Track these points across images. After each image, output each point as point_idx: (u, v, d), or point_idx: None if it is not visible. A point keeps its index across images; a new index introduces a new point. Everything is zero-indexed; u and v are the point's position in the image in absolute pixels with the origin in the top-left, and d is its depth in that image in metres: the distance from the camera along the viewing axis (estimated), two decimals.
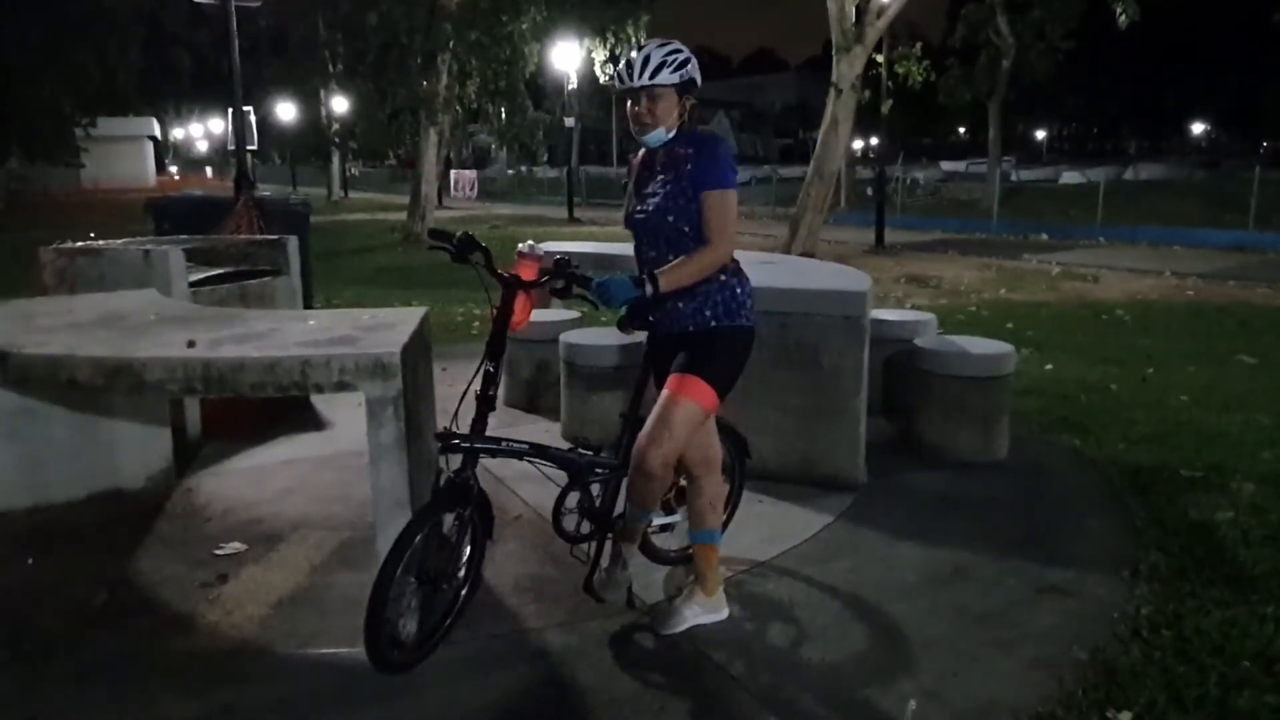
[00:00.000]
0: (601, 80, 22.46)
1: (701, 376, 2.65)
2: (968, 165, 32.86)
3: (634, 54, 2.70)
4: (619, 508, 3.02)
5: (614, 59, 21.66)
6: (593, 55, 21.72)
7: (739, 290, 2.74)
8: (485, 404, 2.66)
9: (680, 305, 2.70)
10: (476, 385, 2.68)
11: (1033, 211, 20.43)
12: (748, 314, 2.76)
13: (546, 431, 4.98)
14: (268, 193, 10.59)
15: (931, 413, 4.53)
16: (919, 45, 13.29)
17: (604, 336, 4.76)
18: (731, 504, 3.38)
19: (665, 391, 2.68)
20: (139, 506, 3.91)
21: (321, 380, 2.63)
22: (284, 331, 2.99)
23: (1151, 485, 4.18)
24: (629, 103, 2.72)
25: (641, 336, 2.95)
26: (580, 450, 2.98)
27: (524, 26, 17.47)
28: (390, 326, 3.04)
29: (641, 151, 2.85)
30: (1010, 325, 8.85)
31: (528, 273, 2.67)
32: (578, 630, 2.92)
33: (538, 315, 5.76)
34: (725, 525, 3.33)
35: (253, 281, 5.16)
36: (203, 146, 62.41)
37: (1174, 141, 56.43)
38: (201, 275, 4.95)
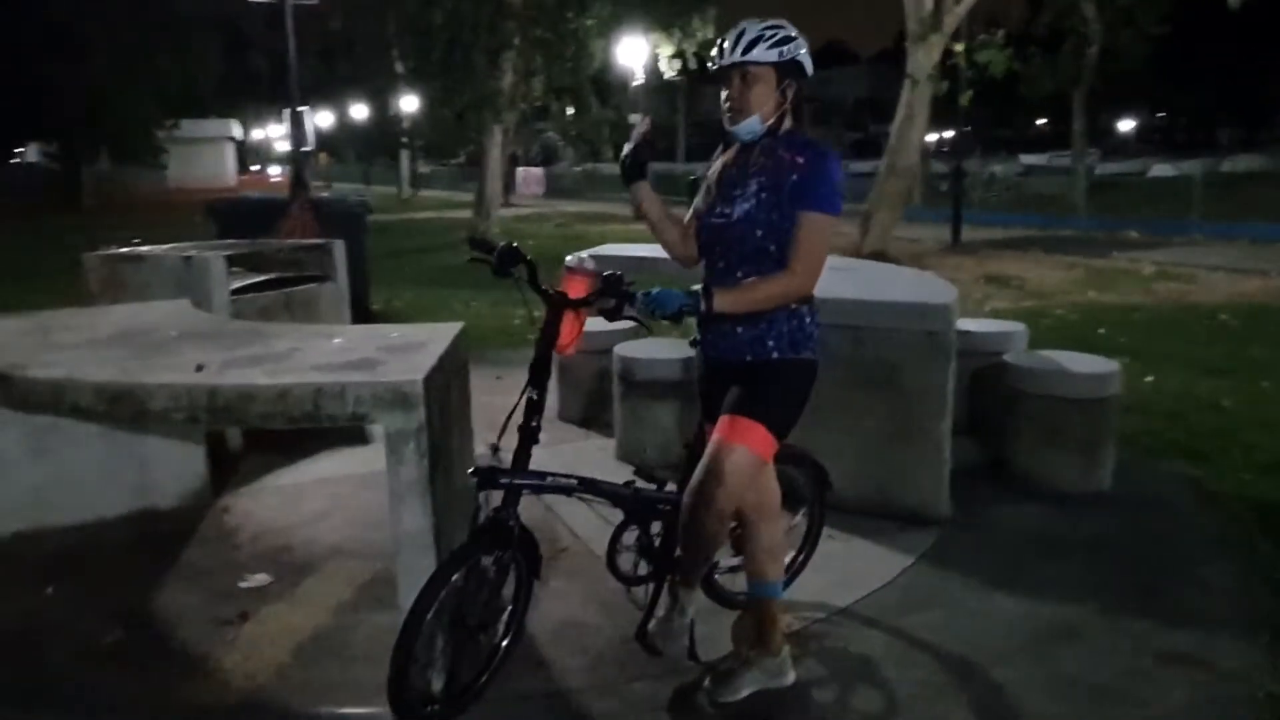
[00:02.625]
0: (666, 75, 22.07)
1: (757, 419, 2.28)
2: (1049, 158, 31.45)
3: (731, 31, 2.33)
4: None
5: (680, 55, 21.27)
6: (658, 51, 21.35)
7: (808, 320, 2.36)
8: (528, 435, 2.35)
9: (740, 330, 2.33)
10: (519, 414, 2.37)
11: (1121, 206, 19.34)
12: (813, 346, 2.38)
13: (600, 449, 4.65)
14: (326, 194, 10.52)
15: (1025, 437, 4.07)
16: (1001, 33, 12.58)
17: (662, 349, 4.41)
18: (810, 542, 3.01)
19: (715, 436, 2.32)
20: (171, 528, 3.71)
21: (335, 411, 2.34)
22: (303, 352, 2.72)
23: None
24: (722, 88, 2.36)
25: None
26: (638, 483, 2.64)
27: (589, 23, 17.21)
28: (419, 347, 2.74)
29: (734, 147, 2.45)
30: (1102, 331, 8.21)
31: (576, 290, 2.34)
32: (622, 694, 2.58)
33: (597, 321, 5.47)
34: (804, 564, 2.96)
35: (298, 288, 4.96)
36: (283, 147, 64.08)
37: (1271, 131, 53.42)
38: (244, 282, 4.77)
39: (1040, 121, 57.10)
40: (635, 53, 20.53)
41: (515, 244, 2.41)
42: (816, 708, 2.51)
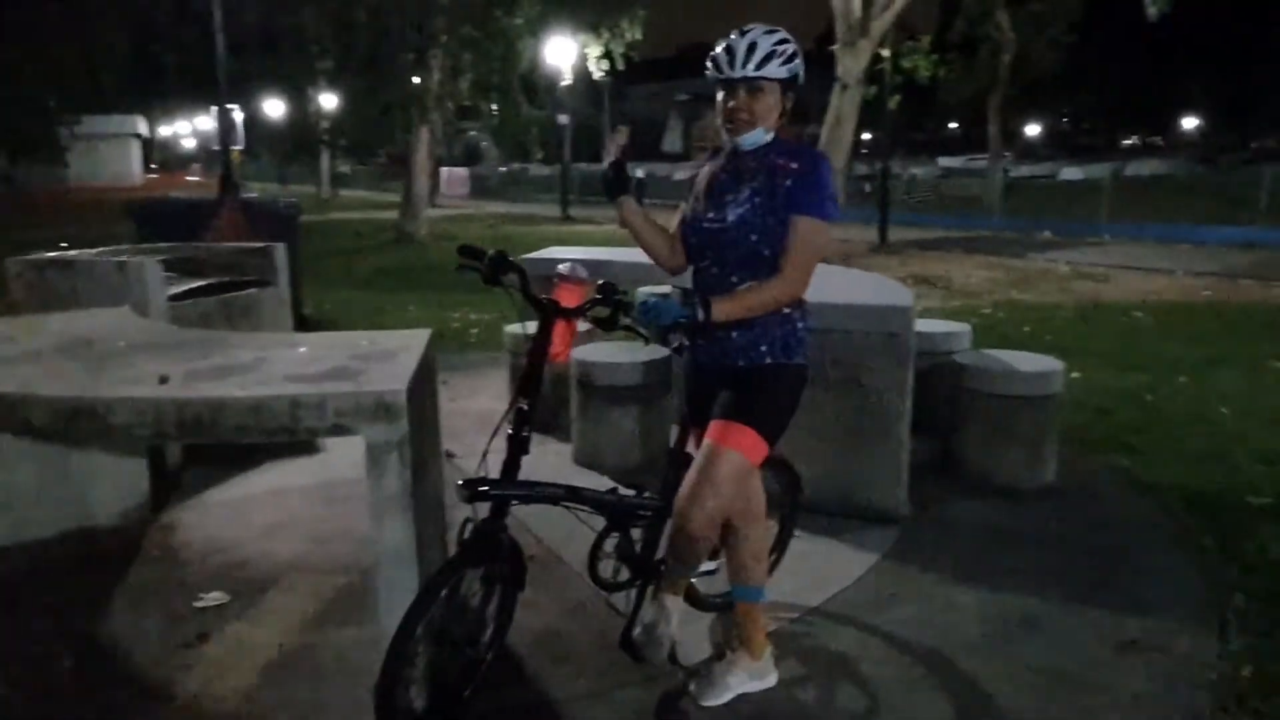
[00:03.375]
0: (595, 76, 22.07)
1: (749, 424, 2.29)
2: (966, 161, 32.55)
3: (734, 37, 2.30)
4: (661, 552, 2.68)
5: (608, 55, 21.27)
6: (586, 51, 21.32)
7: (800, 325, 2.39)
8: (518, 446, 2.32)
9: (734, 335, 2.34)
10: (508, 424, 2.34)
11: (1035, 208, 20.13)
12: (805, 351, 2.40)
13: (557, 455, 4.62)
14: (254, 194, 10.18)
15: (974, 434, 4.19)
16: (927, 39, 12.95)
17: (621, 353, 4.41)
18: (782, 545, 3.04)
19: (708, 441, 2.33)
20: (113, 547, 3.54)
21: (315, 423, 2.27)
22: (271, 362, 2.63)
23: (1218, 515, 3.85)
24: (721, 96, 2.35)
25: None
26: (620, 490, 2.63)
27: (517, 22, 17.07)
28: (392, 355, 2.67)
29: (724, 154, 2.45)
30: (1027, 329, 8.53)
31: (569, 298, 2.31)
32: (608, 701, 2.57)
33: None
34: (776, 565, 2.99)
35: (238, 294, 4.79)
36: (190, 144, 61.70)
37: (1166, 137, 56.31)
38: (182, 288, 4.57)
39: (952, 125, 58.99)
40: (563, 53, 20.47)
41: (505, 252, 2.37)
42: (801, 707, 2.54)
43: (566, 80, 21.57)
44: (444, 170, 34.38)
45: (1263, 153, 40.53)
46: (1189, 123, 55.59)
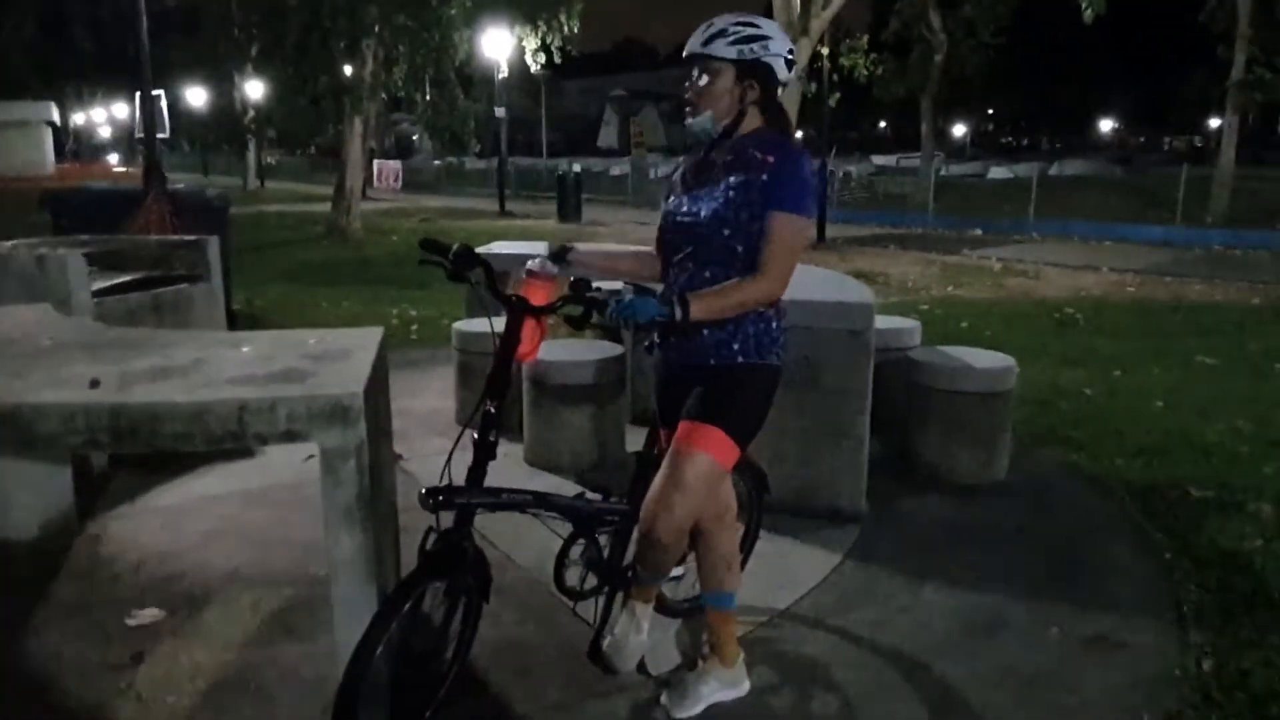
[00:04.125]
0: (533, 69, 21.80)
1: (720, 425, 2.21)
2: (898, 159, 33.16)
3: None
4: (629, 558, 2.59)
5: (544, 48, 21.03)
6: (523, 44, 21.04)
7: (775, 324, 2.31)
8: (485, 451, 2.20)
9: (705, 333, 2.25)
10: (474, 428, 2.22)
11: (966, 206, 20.59)
12: (779, 350, 2.33)
13: (506, 455, 4.46)
14: (181, 185, 9.75)
15: (930, 431, 4.20)
16: (865, 39, 13.11)
17: (573, 351, 4.30)
18: (747, 546, 2.97)
19: (676, 442, 2.23)
20: (35, 562, 3.30)
21: (265, 429, 2.11)
22: (212, 362, 2.45)
23: (1165, 508, 3.93)
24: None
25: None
26: (587, 495, 2.53)
27: (453, 12, 16.72)
28: (344, 355, 2.52)
29: (701, 146, 2.34)
30: (965, 325, 8.67)
31: (538, 295, 2.20)
32: (577, 713, 2.47)
33: (499, 322, 5.27)
34: (742, 567, 2.92)
35: (167, 289, 4.54)
36: (106, 133, 59.26)
37: (1085, 138, 58.35)
38: (107, 283, 4.31)
39: (882, 124, 60.08)
40: (500, 45, 20.16)
41: (471, 245, 2.25)
42: (775, 715, 2.48)
43: (503, 73, 21.26)
44: (377, 163, 33.61)
45: (1175, 153, 42.33)
46: (1105, 124, 57.69)
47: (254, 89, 26.95)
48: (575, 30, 20.07)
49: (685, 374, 2.31)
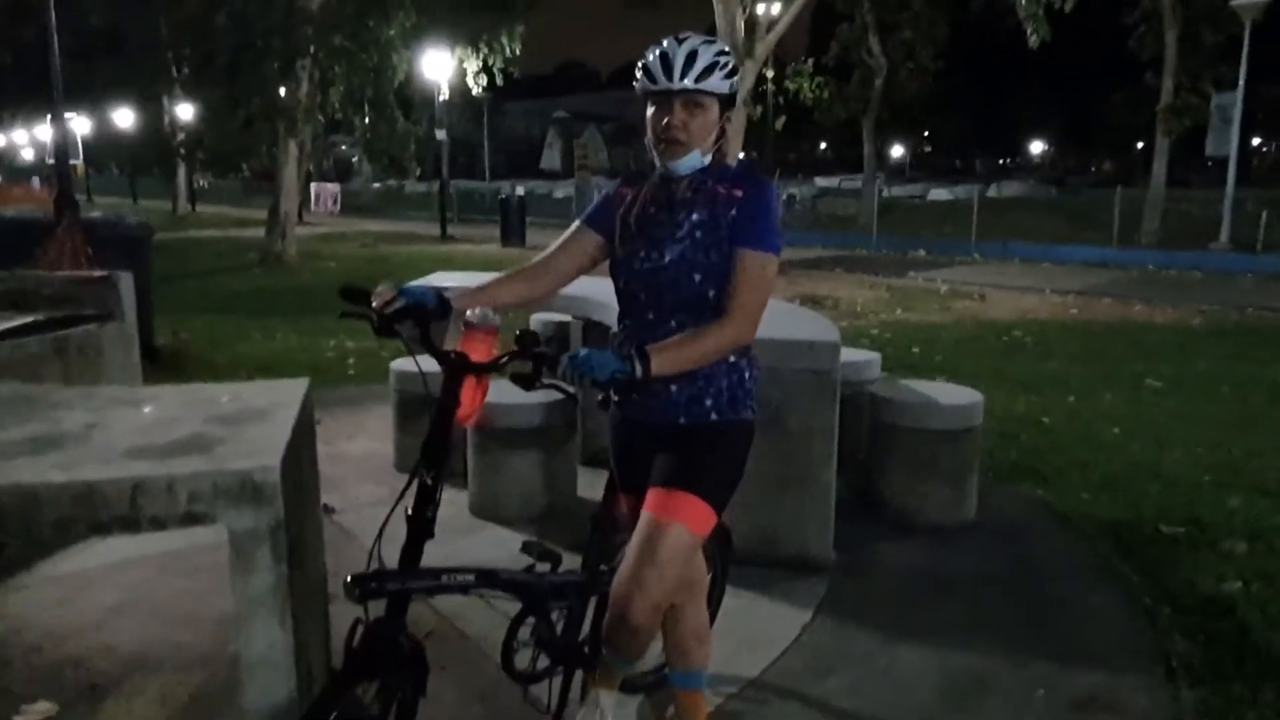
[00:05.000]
0: (474, 91, 21.53)
1: (695, 492, 1.97)
2: (840, 181, 33.55)
3: (669, 44, 1.96)
4: (585, 632, 2.33)
5: (486, 70, 20.79)
6: (464, 65, 20.76)
7: (748, 374, 2.08)
8: (421, 528, 1.92)
9: (673, 389, 2.01)
10: (408, 502, 1.94)
11: (908, 228, 20.81)
12: (753, 404, 2.11)
13: (449, 504, 4.17)
14: (98, 213, 9.25)
15: (895, 471, 4.02)
16: (810, 61, 13.15)
17: (520, 393, 4.02)
18: (713, 608, 2.73)
19: (648, 515, 1.98)
20: None
21: (161, 511, 1.82)
22: (107, 428, 2.15)
23: (1138, 547, 3.80)
24: (653, 110, 1.99)
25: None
26: (537, 568, 2.26)
27: (392, 33, 16.40)
28: (262, 416, 2.23)
29: (649, 183, 2.10)
30: (916, 350, 8.61)
31: (479, 351, 1.93)
32: None
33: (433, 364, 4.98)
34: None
35: (75, 330, 4.15)
36: (28, 155, 57.19)
37: (1018, 160, 60.01)
38: (4, 325, 3.92)
39: (822, 146, 61.01)
40: (441, 66, 19.85)
41: (410, 291, 1.95)
42: None
43: (444, 95, 20.94)
44: (313, 186, 32.88)
45: (1104, 176, 43.70)
46: (1037, 147, 59.38)
47: (184, 110, 26.17)
48: (517, 52, 19.87)
49: (652, 435, 2.06)
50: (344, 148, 47.45)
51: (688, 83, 1.93)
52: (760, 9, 12.03)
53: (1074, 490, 4.55)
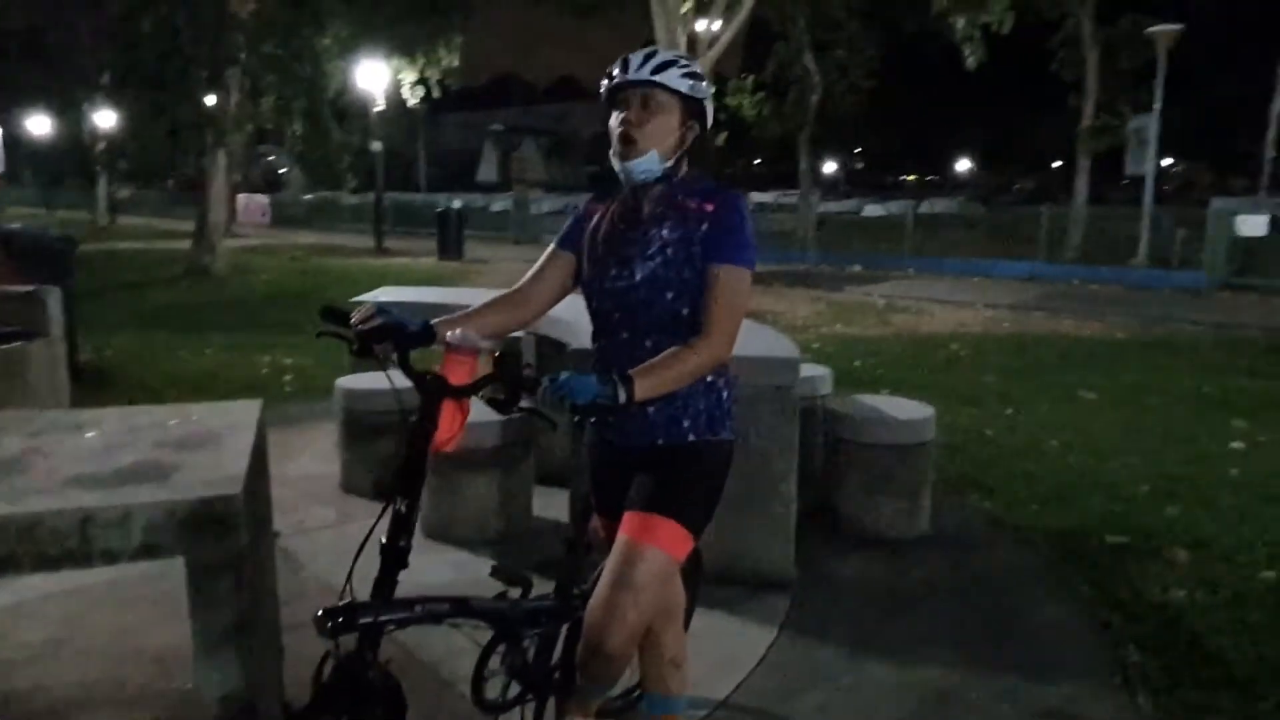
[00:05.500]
0: (410, 103, 21.30)
1: (673, 516, 1.93)
2: (776, 197, 33.99)
3: (635, 52, 1.99)
4: (557, 658, 2.27)
5: (423, 82, 20.58)
6: (400, 76, 20.51)
7: (725, 394, 2.06)
8: (394, 558, 1.85)
9: (650, 411, 1.97)
10: (381, 530, 1.86)
11: (844, 243, 21.17)
12: (731, 424, 2.08)
13: None
14: (17, 225, 8.84)
15: (852, 485, 4.05)
16: (752, 79, 13.29)
17: (478, 411, 3.93)
18: (684, 626, 2.69)
19: (624, 538, 1.93)
20: None
21: (115, 545, 1.71)
22: (48, 454, 2.02)
23: (1085, 557, 3.89)
24: (614, 113, 1.98)
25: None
26: (509, 593, 2.19)
27: (326, 41, 16.10)
28: (215, 440, 2.13)
29: (618, 199, 2.07)
30: (858, 364, 8.73)
31: (459, 374, 1.86)
32: None
33: (384, 379, 4.84)
34: None
35: None
36: None
37: (943, 178, 61.78)
38: None
39: (756, 161, 61.85)
40: (376, 77, 19.56)
41: (387, 311, 1.89)
42: None
43: (380, 106, 20.63)
44: (241, 197, 32.02)
45: (1025, 193, 45.21)
46: (963, 165, 61.20)
47: (105, 118, 25.25)
48: (455, 64, 19.74)
49: (629, 457, 2.03)
50: (272, 158, 46.43)
51: (644, 74, 1.93)
52: (700, 26, 12.15)
53: (1021, 502, 4.64)
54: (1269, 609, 3.37)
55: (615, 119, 1.99)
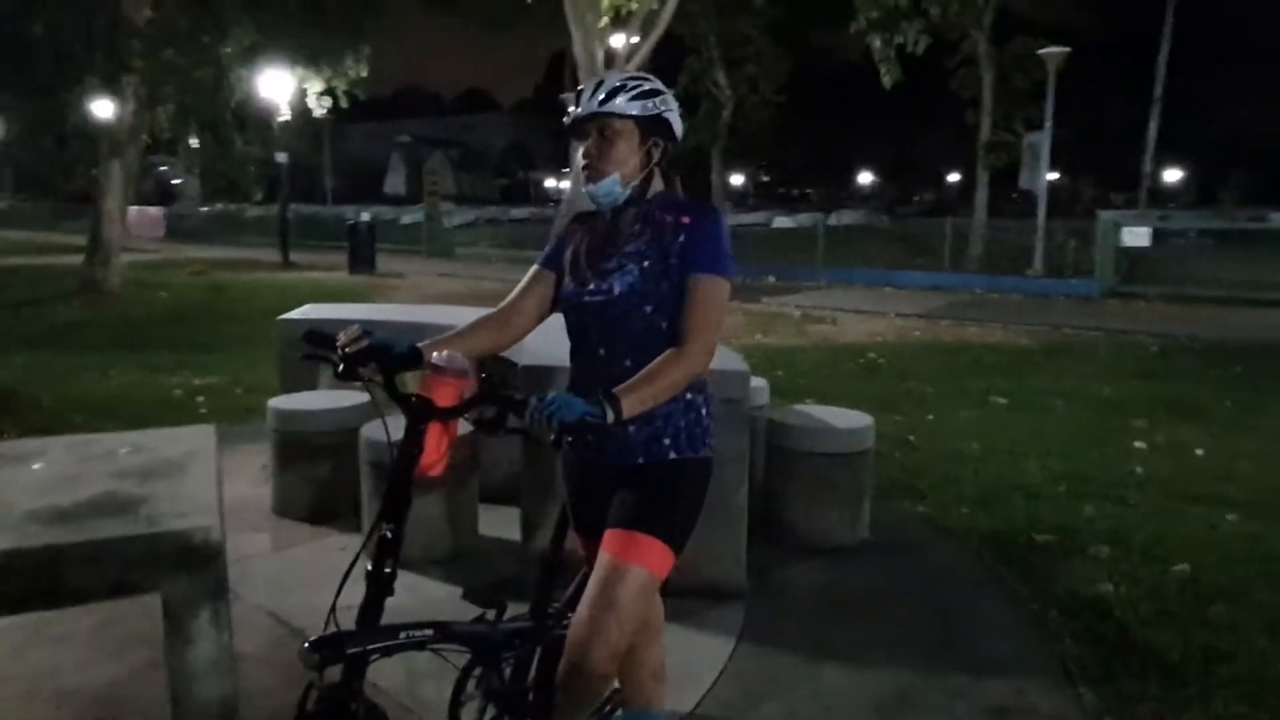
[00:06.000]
0: (316, 113, 20.76)
1: (655, 534, 1.94)
2: None
3: (590, 83, 2.03)
4: (531, 678, 2.25)
5: (329, 91, 20.10)
6: (306, 86, 19.96)
7: (704, 412, 2.09)
8: (381, 585, 1.81)
9: (631, 430, 1.99)
10: (366, 558, 1.82)
11: (757, 254, 21.56)
12: (711, 441, 2.11)
13: (344, 551, 3.97)
14: None
15: (795, 494, 4.14)
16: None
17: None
18: None
19: (606, 558, 1.94)
20: None
21: (87, 582, 1.63)
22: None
23: (1017, 556, 4.06)
24: (577, 145, 2.05)
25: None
26: (486, 615, 2.16)
27: (228, 50, 15.56)
28: (175, 468, 2.04)
29: (597, 217, 2.12)
30: (780, 373, 8.90)
31: (445, 395, 1.83)
32: None
33: (320, 399, 4.72)
34: None
35: None
36: None
37: (846, 191, 63.73)
38: None
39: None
40: (281, 87, 19.00)
41: (367, 335, 1.85)
42: None
43: (284, 116, 20.04)
44: (134, 209, 30.57)
45: (925, 206, 47.02)
46: (865, 178, 63.24)
47: None
48: (364, 74, 19.33)
49: (609, 475, 2.03)
50: (165, 169, 44.54)
51: (594, 106, 1.98)
52: (617, 42, 12.26)
53: (950, 505, 4.82)
54: (1186, 600, 3.58)
55: (577, 151, 2.04)
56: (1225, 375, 8.85)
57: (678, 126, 2.09)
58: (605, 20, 11.92)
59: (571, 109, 2.03)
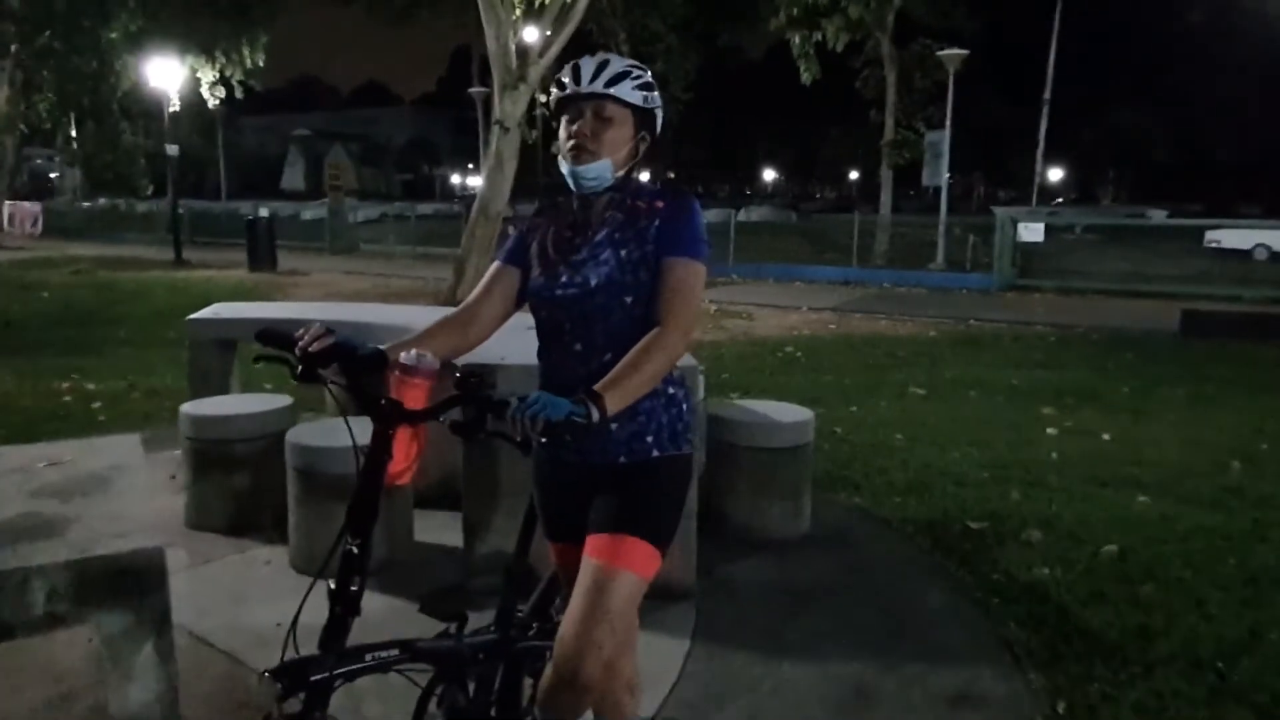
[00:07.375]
0: (210, 104, 19.86)
1: (642, 535, 1.86)
2: None
3: (584, 58, 1.92)
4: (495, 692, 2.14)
5: (223, 81, 19.26)
6: (198, 75, 19.06)
7: (685, 407, 2.01)
8: (347, 604, 1.67)
9: (613, 427, 1.89)
10: (329, 575, 1.68)
11: None
12: (691, 436, 2.04)
13: (267, 564, 3.74)
14: None
15: (738, 489, 4.11)
16: None
17: (342, 434, 3.67)
18: None
19: (594, 563, 1.85)
20: None
21: (12, 616, 1.44)
22: None
23: (954, 544, 4.13)
24: (565, 121, 1.92)
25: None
26: (450, 630, 2.04)
27: (113, 35, 14.70)
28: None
29: (567, 205, 2.02)
30: (703, 369, 8.89)
31: (415, 397, 1.70)
32: None
33: (236, 403, 4.44)
34: None
35: None
36: None
37: (752, 187, 64.76)
38: None
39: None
40: (170, 75, 18.06)
41: (334, 331, 1.70)
42: None
43: (174, 106, 19.07)
44: (8, 204, 28.65)
45: (827, 203, 48.15)
46: (769, 174, 64.37)
47: None
48: (259, 63, 18.59)
49: (588, 476, 1.93)
50: (40, 161, 41.95)
51: (597, 87, 1.89)
52: (529, 36, 12.07)
53: (884, 495, 4.87)
54: (1118, 579, 3.70)
55: (565, 128, 1.93)
56: (1120, 363, 9.29)
57: (659, 119, 2.01)
58: (518, 13, 11.72)
59: (566, 81, 1.92)
